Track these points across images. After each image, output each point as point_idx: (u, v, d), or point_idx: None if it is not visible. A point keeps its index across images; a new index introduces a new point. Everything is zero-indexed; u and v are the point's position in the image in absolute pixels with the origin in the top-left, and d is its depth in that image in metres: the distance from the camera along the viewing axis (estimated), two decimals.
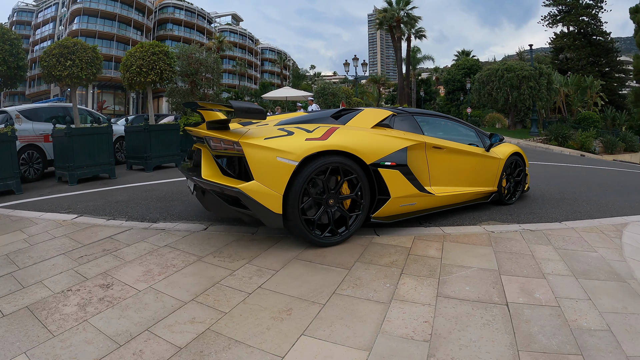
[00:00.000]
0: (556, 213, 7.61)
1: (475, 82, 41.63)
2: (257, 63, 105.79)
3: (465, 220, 6.79)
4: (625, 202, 9.17)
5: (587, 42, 60.34)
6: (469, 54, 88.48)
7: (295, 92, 28.37)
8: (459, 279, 4.28)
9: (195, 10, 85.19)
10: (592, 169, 17.07)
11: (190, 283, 4.07)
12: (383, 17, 60.27)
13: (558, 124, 36.09)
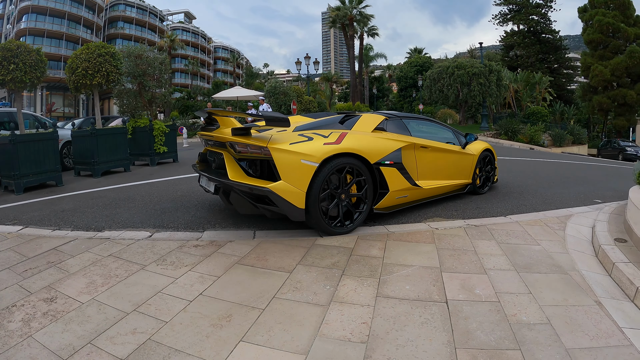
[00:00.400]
0: (502, 207, 7.68)
1: (426, 79, 42.23)
2: (210, 62, 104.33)
3: (410, 217, 6.77)
4: (571, 194, 9.36)
5: (536, 40, 62.20)
6: (421, 51, 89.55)
7: (247, 92, 28.11)
8: (400, 278, 4.28)
9: (147, 7, 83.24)
10: (540, 162, 17.45)
11: (133, 293, 4.00)
12: (336, 15, 60.09)
13: (508, 119, 36.93)
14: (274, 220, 6.28)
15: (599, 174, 14.96)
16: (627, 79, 48.99)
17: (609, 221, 6.37)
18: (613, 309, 3.79)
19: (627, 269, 4.45)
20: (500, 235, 5.82)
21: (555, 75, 60.42)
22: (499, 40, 67.76)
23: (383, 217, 6.72)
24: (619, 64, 47.82)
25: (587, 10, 52.81)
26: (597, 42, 51.17)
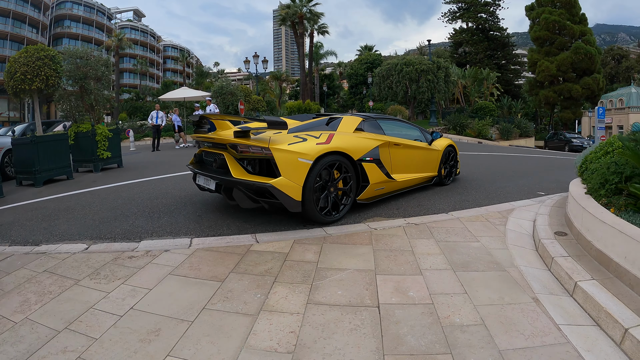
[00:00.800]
0: (444, 204, 7.47)
1: (376, 77, 42.32)
2: (160, 61, 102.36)
3: (350, 218, 6.50)
4: (515, 187, 9.26)
5: (484, 37, 63.51)
6: (371, 48, 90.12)
7: (194, 93, 27.41)
8: (333, 283, 4.12)
9: (95, 5, 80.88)
10: (487, 156, 17.50)
11: (65, 310, 3.79)
12: (286, 13, 59.70)
13: (456, 114, 37.32)
14: (212, 227, 6.16)
15: (544, 166, 15.06)
16: (573, 74, 50.61)
17: (550, 214, 6.22)
18: (551, 306, 3.66)
19: (566, 264, 4.29)
20: (439, 233, 5.60)
21: (503, 71, 61.97)
22: (448, 38, 68.92)
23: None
24: (565, 59, 49.33)
25: (534, 8, 54.40)
26: (543, 39, 52.64)
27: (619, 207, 4.67)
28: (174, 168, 12.65)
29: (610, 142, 6.31)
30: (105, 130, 13.51)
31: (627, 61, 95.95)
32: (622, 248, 3.93)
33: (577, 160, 7.08)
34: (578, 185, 6.09)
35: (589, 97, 51.94)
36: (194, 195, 8.28)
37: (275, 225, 6.14)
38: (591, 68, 50.17)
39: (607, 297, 3.58)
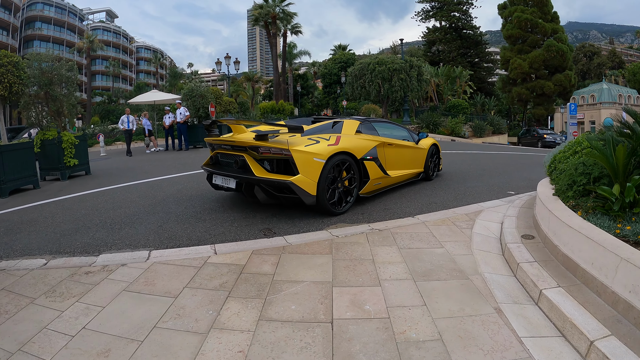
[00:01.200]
0: (411, 207, 7.26)
1: (349, 76, 42.22)
2: (133, 63, 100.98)
3: (313, 225, 6.28)
4: (485, 187, 9.11)
5: (457, 36, 63.97)
6: (345, 48, 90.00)
7: (164, 96, 26.92)
8: (287, 297, 3.94)
9: (66, 6, 79.21)
10: (459, 154, 17.39)
11: (20, 330, 3.64)
12: (259, 13, 59.39)
13: (429, 113, 37.40)
14: (172, 237, 5.91)
15: (516, 163, 14.96)
16: (545, 71, 51.43)
17: (517, 216, 6.04)
18: (514, 316, 3.51)
19: (531, 270, 4.11)
20: (403, 239, 5.37)
21: (476, 69, 62.39)
22: (422, 37, 69.16)
23: (285, 225, 6.35)
24: (537, 57, 50.04)
25: (507, 7, 55.20)
26: (516, 37, 53.34)
27: (586, 210, 4.50)
28: (142, 174, 12.24)
29: (579, 142, 6.14)
30: (71, 137, 13.04)
31: (599, 58, 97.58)
32: (589, 254, 3.75)
33: (546, 160, 6.92)
34: (546, 185, 5.92)
35: (561, 93, 52.71)
36: (157, 204, 7.97)
37: (236, 234, 5.91)
38: (563, 65, 50.91)
39: (572, 305, 3.41)
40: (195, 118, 23.22)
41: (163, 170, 12.84)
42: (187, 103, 22.84)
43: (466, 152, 19.20)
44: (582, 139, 6.12)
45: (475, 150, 20.99)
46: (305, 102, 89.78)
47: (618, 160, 4.32)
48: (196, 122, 23.15)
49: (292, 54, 77.48)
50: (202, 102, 22.90)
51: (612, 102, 58.67)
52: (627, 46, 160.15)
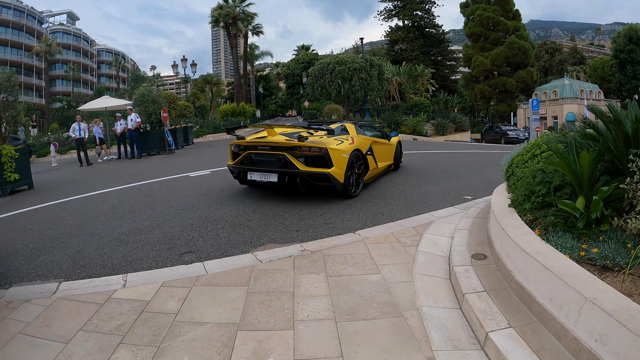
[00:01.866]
0: (354, 219, 6.50)
1: (309, 76, 41.65)
2: (94, 67, 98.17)
3: (239, 246, 5.52)
4: (440, 192, 8.44)
5: (420, 34, 64.05)
6: (308, 48, 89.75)
7: (116, 102, 25.82)
8: (183, 345, 3.31)
9: (25, 9, 76.35)
10: (418, 155, 16.62)
11: None
12: (219, 14, 58.48)
13: (390, 112, 36.82)
14: (87, 266, 5.18)
15: (477, 162, 14.37)
16: (507, 68, 51.77)
17: (470, 229, 5.33)
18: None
19: (478, 303, 3.40)
20: (335, 263, 4.63)
21: (439, 67, 62.65)
22: (384, 35, 69.11)
23: (209, 246, 5.57)
24: (499, 54, 50.36)
25: (469, 5, 55.64)
26: (478, 35, 53.69)
27: (545, 226, 3.81)
28: (85, 188, 11.35)
29: (538, 144, 5.45)
30: (10, 150, 12.24)
31: (560, 54, 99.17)
32: (547, 286, 3.02)
33: (504, 162, 6.25)
34: (502, 193, 5.24)
35: (523, 89, 53.12)
36: (85, 224, 7.10)
37: (155, 260, 5.19)
38: (525, 62, 51.31)
39: (524, 354, 2.71)
40: (148, 124, 22.19)
41: (108, 182, 11.97)
42: (139, 109, 21.81)
43: (427, 151, 18.50)
44: (542, 141, 5.42)
45: (437, 149, 20.34)
46: (268, 103, 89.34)
47: (582, 169, 3.62)
48: (149, 129, 22.13)
49: (254, 55, 76.83)
50: (154, 107, 21.87)
51: (574, 97, 59.26)
52: (588, 43, 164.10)
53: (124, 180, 12.07)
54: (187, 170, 13.43)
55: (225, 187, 9.61)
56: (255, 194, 8.65)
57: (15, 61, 72.31)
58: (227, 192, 9.01)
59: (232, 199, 8.33)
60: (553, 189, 4.04)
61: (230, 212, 7.19)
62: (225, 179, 10.65)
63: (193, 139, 29.69)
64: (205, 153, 19.95)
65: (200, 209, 7.62)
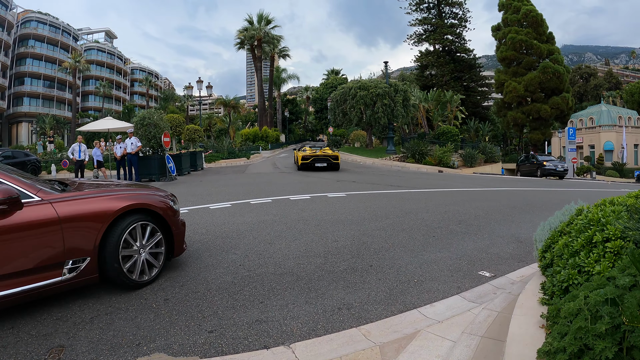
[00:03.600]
0: (304, 314, 4.31)
1: (332, 102, 40.07)
2: (127, 84, 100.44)
3: (119, 350, 3.57)
4: (447, 261, 6.14)
5: (451, 59, 61.98)
6: (338, 72, 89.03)
7: (119, 124, 24.51)
8: None
9: (60, 25, 78.67)
10: (438, 194, 14.18)
11: None
12: (244, 36, 57.85)
13: (415, 140, 34.38)
14: None
15: (504, 206, 11.82)
16: (541, 94, 49.23)
17: (474, 357, 3.12)
18: None
19: None
20: None
21: (470, 93, 60.32)
22: (414, 60, 67.02)
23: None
24: (533, 79, 47.88)
25: (501, 28, 53.53)
26: (510, 59, 51.39)
27: None
28: None
29: (597, 221, 3.25)
30: None
31: (596, 79, 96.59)
32: None
33: (538, 237, 4.07)
34: (530, 309, 3.02)
35: (558, 116, 50.37)
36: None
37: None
38: (560, 87, 48.66)
39: None
40: (149, 148, 20.56)
41: None
42: (140, 132, 20.19)
43: (449, 189, 15.96)
44: (604, 217, 3.23)
45: (461, 185, 17.84)
46: (295, 127, 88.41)
47: None
48: (149, 153, 20.51)
49: (281, 78, 75.95)
50: (155, 131, 20.21)
51: (612, 125, 56.47)
52: (623, 67, 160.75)
53: None
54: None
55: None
56: (190, 260, 6.48)
57: (49, 75, 75.03)
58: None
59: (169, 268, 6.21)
60: (627, 347, 1.87)
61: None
62: (197, 229, 8.66)
63: (203, 164, 28.27)
64: (205, 183, 18.07)
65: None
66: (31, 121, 70.41)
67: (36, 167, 25.55)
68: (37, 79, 73.74)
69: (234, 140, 47.91)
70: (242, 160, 33.45)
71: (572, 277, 2.90)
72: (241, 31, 58.53)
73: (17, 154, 25.55)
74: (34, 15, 75.20)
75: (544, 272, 3.58)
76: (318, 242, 7.15)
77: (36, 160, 26.16)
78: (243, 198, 12.79)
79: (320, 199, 12.50)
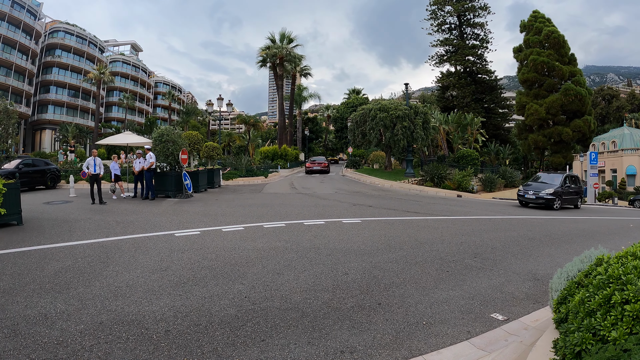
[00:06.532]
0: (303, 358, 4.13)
1: (351, 122, 40.14)
2: (150, 97, 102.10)
3: None
4: (459, 301, 5.94)
5: (472, 81, 61.48)
6: (359, 92, 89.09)
7: (137, 139, 24.54)
8: None
9: (87, 37, 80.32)
10: (455, 222, 13.83)
11: None
12: (266, 54, 58.39)
13: (434, 164, 33.92)
14: None
15: (522, 238, 11.46)
16: (563, 116, 48.53)
17: None
18: None
19: None
20: None
21: (491, 115, 59.73)
22: (435, 81, 66.70)
23: None
24: (554, 102, 47.22)
25: (522, 50, 52.92)
26: (532, 81, 50.75)
27: None
28: (69, 234, 10.51)
29: (617, 277, 3.06)
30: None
31: (618, 101, 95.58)
32: None
33: (554, 286, 3.86)
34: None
35: (580, 139, 49.57)
36: None
37: None
38: (582, 110, 47.95)
39: None
40: (166, 165, 20.61)
41: (92, 231, 10.95)
42: (158, 148, 20.28)
43: (465, 217, 15.56)
44: (624, 274, 3.03)
45: (479, 213, 17.36)
46: (315, 146, 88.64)
47: None
48: (166, 170, 20.54)
49: (302, 97, 76.28)
50: (174, 148, 20.27)
51: (635, 149, 55.56)
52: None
53: (112, 231, 10.93)
54: (179, 225, 11.90)
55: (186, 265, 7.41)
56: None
57: (74, 84, 76.59)
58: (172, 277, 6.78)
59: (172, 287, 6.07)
60: None
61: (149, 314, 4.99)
62: (207, 254, 8.57)
63: (220, 181, 28.33)
64: (221, 202, 18.07)
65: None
66: (55, 128, 71.38)
67: (55, 177, 25.66)
68: (62, 87, 75.07)
69: (253, 158, 48.17)
70: (260, 179, 33.46)
71: (586, 341, 2.71)
72: (263, 49, 59.06)
73: (37, 162, 25.69)
74: (62, 26, 76.81)
75: (558, 327, 3.39)
76: (328, 275, 6.98)
77: (56, 170, 26.27)
78: (257, 221, 12.70)
79: (334, 225, 12.31)
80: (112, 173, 21.16)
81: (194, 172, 23.03)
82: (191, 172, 22.37)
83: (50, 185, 25.06)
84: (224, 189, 26.23)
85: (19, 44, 64.74)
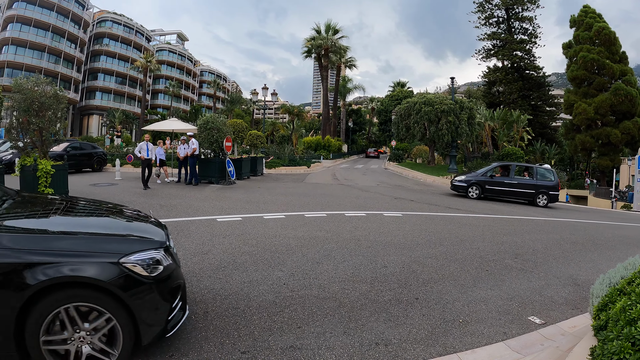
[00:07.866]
0: (339, 346, 4.18)
1: (395, 115, 39.80)
2: (195, 85, 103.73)
3: None
4: (496, 301, 5.93)
5: (519, 77, 59.99)
6: (404, 85, 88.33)
7: (183, 125, 24.92)
8: None
9: (134, 26, 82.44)
10: (496, 221, 13.70)
11: None
12: (311, 44, 58.44)
13: (478, 161, 33.57)
14: None
15: (565, 241, 11.32)
16: (612, 117, 46.92)
17: None
18: None
19: None
20: None
21: (538, 112, 58.30)
22: (481, 76, 65.46)
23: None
24: (604, 101, 45.72)
25: (572, 46, 51.16)
26: (581, 79, 49.21)
27: None
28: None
29: None
30: (47, 165, 12.38)
31: None
32: None
33: (595, 292, 3.85)
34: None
35: (628, 142, 47.87)
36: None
37: None
38: (632, 111, 46.28)
39: None
40: (210, 152, 21.03)
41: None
42: (202, 135, 20.65)
43: (508, 217, 15.44)
44: None
45: (522, 213, 17.08)
46: (358, 138, 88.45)
47: None
48: (210, 156, 21.01)
49: (346, 88, 76.11)
50: (218, 135, 20.59)
51: None
52: None
53: (155, 214, 10.79)
54: (221, 211, 12.14)
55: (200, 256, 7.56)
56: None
57: (121, 72, 78.74)
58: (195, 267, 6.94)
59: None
60: None
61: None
62: (248, 240, 8.73)
63: (263, 169, 28.76)
64: (263, 190, 18.32)
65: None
66: (102, 114, 73.31)
67: (102, 160, 26.48)
68: (110, 75, 77.09)
69: (296, 148, 48.44)
70: (302, 169, 33.67)
71: (625, 350, 2.72)
72: (308, 40, 59.18)
73: (84, 145, 26.48)
74: (109, 16, 79.01)
75: (596, 334, 3.38)
76: (367, 266, 7.06)
77: (102, 153, 27.05)
78: (298, 210, 12.83)
79: (375, 217, 12.37)
80: (157, 158, 21.60)
81: (237, 159, 23.39)
82: (234, 159, 22.71)
83: (96, 168, 25.96)
84: (266, 177, 26.53)
85: (68, 33, 67.12)
